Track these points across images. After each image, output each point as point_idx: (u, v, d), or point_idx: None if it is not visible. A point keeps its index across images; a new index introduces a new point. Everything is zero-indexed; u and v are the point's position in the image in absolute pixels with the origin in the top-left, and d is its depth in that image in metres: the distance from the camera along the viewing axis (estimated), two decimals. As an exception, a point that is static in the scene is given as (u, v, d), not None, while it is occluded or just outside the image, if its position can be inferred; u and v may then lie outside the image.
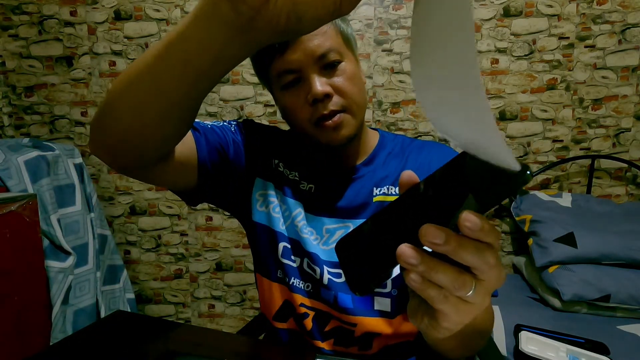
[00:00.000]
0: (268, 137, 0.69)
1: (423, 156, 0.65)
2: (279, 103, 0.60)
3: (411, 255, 0.24)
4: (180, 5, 1.56)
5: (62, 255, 1.23)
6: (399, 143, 0.68)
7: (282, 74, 0.55)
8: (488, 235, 0.24)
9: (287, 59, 0.54)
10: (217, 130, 0.63)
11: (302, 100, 0.55)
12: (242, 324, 1.43)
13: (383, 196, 0.63)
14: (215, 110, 1.61)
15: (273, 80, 0.58)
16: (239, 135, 0.66)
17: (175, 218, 1.68)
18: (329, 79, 0.55)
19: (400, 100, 1.56)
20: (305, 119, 0.56)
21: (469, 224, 0.23)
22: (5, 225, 1.03)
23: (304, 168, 0.67)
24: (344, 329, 0.62)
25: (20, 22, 1.59)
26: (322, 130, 0.56)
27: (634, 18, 1.44)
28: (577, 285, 1.11)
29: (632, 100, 1.48)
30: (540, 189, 1.54)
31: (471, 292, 0.25)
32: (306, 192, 0.65)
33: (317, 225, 0.63)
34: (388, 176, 0.64)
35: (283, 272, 0.64)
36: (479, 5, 1.48)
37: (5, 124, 1.64)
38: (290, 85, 0.56)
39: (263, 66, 0.58)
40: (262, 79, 0.62)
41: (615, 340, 0.95)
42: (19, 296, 1.06)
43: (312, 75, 0.54)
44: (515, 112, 1.53)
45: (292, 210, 0.64)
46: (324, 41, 0.54)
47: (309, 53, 0.53)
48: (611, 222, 1.26)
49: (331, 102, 0.55)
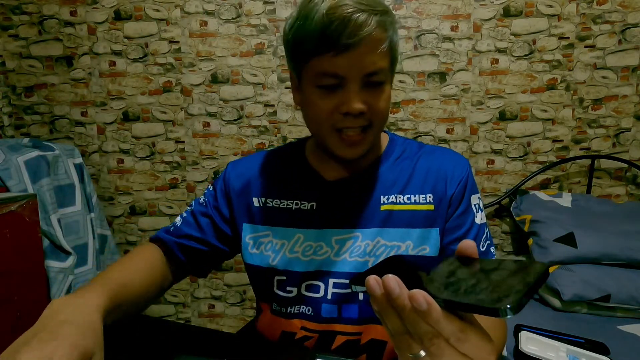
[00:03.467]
0: (249, 178, 0.69)
1: (433, 162, 0.65)
2: (305, 96, 0.58)
3: (373, 285, 0.29)
4: (180, 5, 1.56)
5: (62, 255, 1.23)
6: (407, 147, 0.68)
7: (325, 74, 0.53)
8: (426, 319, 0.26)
9: (338, 63, 0.51)
10: (195, 219, 0.69)
11: (334, 106, 0.54)
12: (242, 324, 1.43)
13: (391, 205, 0.62)
14: (215, 111, 1.61)
15: (309, 73, 0.55)
16: (220, 197, 0.69)
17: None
18: (367, 96, 0.54)
19: (400, 100, 1.56)
20: (329, 124, 0.56)
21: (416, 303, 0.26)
22: (5, 225, 1.03)
23: (300, 190, 0.66)
24: (349, 341, 0.62)
25: (20, 22, 1.59)
26: (340, 141, 0.56)
27: (634, 18, 1.44)
28: (577, 285, 1.11)
29: (632, 100, 1.48)
30: (540, 189, 1.54)
31: (418, 355, 0.28)
32: (307, 211, 0.64)
33: (326, 238, 0.63)
34: (396, 183, 0.63)
35: (279, 304, 0.64)
36: (479, 5, 1.48)
37: (5, 124, 1.64)
38: (327, 87, 0.54)
39: (306, 56, 0.54)
40: (294, 64, 0.59)
41: (615, 340, 0.95)
42: (19, 296, 1.06)
43: (354, 89, 0.53)
44: (515, 112, 1.53)
45: (289, 239, 0.64)
46: (378, 60, 0.53)
47: (360, 67, 0.52)
48: (611, 222, 1.26)
49: (361, 119, 0.55)
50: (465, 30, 1.50)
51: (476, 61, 1.51)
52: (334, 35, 0.49)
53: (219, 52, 1.58)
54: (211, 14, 1.56)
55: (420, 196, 0.62)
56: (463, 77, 1.53)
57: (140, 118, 1.63)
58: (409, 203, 0.62)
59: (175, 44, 1.58)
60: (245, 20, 1.55)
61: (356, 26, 0.49)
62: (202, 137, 1.63)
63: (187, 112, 1.62)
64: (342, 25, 0.49)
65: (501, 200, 1.54)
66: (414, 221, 0.61)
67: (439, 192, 0.62)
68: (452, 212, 0.62)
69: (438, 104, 1.55)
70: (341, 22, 0.49)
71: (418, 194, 0.62)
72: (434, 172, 0.63)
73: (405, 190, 0.63)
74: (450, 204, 0.62)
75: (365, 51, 0.51)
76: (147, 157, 1.66)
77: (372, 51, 0.52)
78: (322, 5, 0.49)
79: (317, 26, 0.50)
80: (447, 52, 1.52)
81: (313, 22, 0.50)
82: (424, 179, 0.63)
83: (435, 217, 0.62)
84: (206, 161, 1.65)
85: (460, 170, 0.64)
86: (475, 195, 0.65)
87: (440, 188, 0.62)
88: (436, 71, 1.53)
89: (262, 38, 1.56)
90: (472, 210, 0.63)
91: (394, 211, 0.62)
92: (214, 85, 1.60)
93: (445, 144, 1.57)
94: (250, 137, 1.62)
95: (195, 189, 1.66)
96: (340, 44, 0.50)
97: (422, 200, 0.62)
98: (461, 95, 1.54)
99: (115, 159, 1.66)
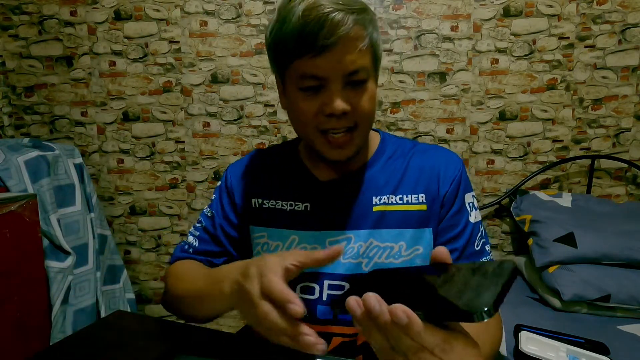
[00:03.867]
0: (247, 179, 0.69)
1: (425, 160, 0.64)
2: (290, 100, 0.58)
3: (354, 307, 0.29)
4: (180, 5, 1.56)
5: (62, 255, 1.23)
6: (399, 146, 0.67)
7: (306, 76, 0.53)
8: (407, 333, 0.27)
9: (317, 64, 0.51)
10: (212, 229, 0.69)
11: (317, 108, 0.54)
12: (242, 324, 1.42)
13: (383, 206, 0.62)
14: (215, 111, 1.61)
15: (291, 76, 0.55)
16: (226, 205, 0.69)
17: (175, 218, 1.68)
18: (350, 96, 0.54)
19: (400, 100, 1.56)
20: (313, 126, 0.56)
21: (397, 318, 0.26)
22: (5, 225, 1.03)
23: (294, 190, 0.66)
24: (345, 342, 0.61)
25: (20, 22, 1.59)
26: (327, 144, 0.57)
27: (634, 18, 1.44)
28: (577, 285, 1.11)
29: (632, 100, 1.48)
30: (540, 189, 1.54)
31: None
32: (302, 212, 0.64)
33: (321, 240, 0.63)
34: (388, 183, 0.63)
35: None
36: (479, 5, 1.48)
37: (5, 124, 1.64)
38: (309, 89, 0.54)
39: (286, 59, 0.55)
40: (277, 68, 0.59)
41: (615, 340, 0.94)
42: (19, 296, 1.06)
43: (335, 89, 0.53)
44: (515, 112, 1.53)
45: (284, 240, 0.64)
46: (358, 59, 0.52)
47: (340, 67, 0.52)
48: (611, 222, 1.25)
49: (345, 119, 0.54)
50: (465, 30, 1.50)
51: (476, 61, 1.51)
52: (310, 36, 0.49)
53: (219, 52, 1.58)
54: (211, 14, 1.56)
55: (413, 196, 0.62)
56: (463, 77, 1.53)
57: (140, 118, 1.63)
58: (402, 203, 0.61)
59: (175, 44, 1.58)
60: (245, 20, 1.55)
61: (332, 26, 0.49)
62: (202, 137, 1.63)
63: (187, 112, 1.62)
64: (319, 26, 0.49)
65: (501, 200, 1.54)
66: (407, 222, 0.61)
67: (431, 191, 0.62)
68: (445, 212, 0.62)
69: (438, 104, 1.55)
70: (317, 23, 0.49)
71: (410, 194, 0.62)
72: (427, 171, 0.63)
73: (397, 190, 0.62)
74: (443, 204, 0.62)
75: (344, 50, 0.51)
76: (147, 157, 1.66)
77: (351, 50, 0.51)
78: (298, 7, 0.49)
79: (294, 28, 0.50)
80: (447, 52, 1.52)
81: (291, 24, 0.50)
82: (417, 178, 0.63)
83: (428, 217, 0.61)
84: (206, 161, 1.65)
85: (453, 169, 0.63)
86: (469, 193, 0.64)
87: (433, 187, 0.62)
88: (436, 71, 1.53)
89: (262, 38, 1.56)
90: (466, 209, 0.63)
91: (387, 212, 0.61)
92: (214, 85, 1.60)
93: (445, 144, 1.57)
94: (250, 137, 1.62)
95: (195, 189, 1.66)
96: (317, 45, 0.49)
97: (414, 200, 0.62)
98: (461, 95, 1.54)
99: (115, 159, 1.66)
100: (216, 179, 1.66)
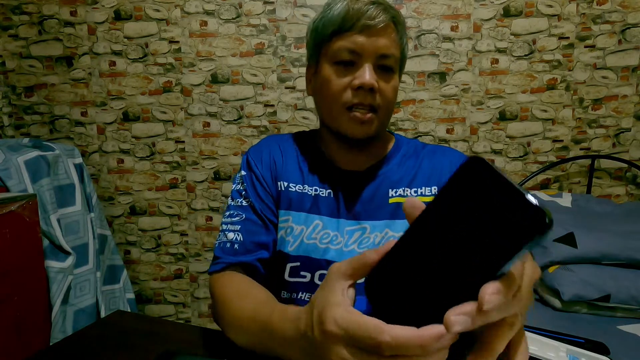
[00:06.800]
0: (268, 163, 0.68)
1: (435, 160, 0.67)
2: (321, 78, 0.62)
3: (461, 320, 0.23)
4: (180, 5, 1.56)
5: (62, 255, 1.23)
6: (412, 146, 0.71)
7: (342, 50, 0.59)
8: (506, 309, 0.24)
9: (356, 40, 0.58)
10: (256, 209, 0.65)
11: (347, 82, 0.59)
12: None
13: (399, 198, 0.64)
14: (215, 111, 1.61)
15: (328, 51, 0.61)
16: (258, 186, 0.66)
17: (175, 218, 1.68)
18: (378, 78, 0.59)
19: (400, 100, 1.56)
20: (341, 103, 0.60)
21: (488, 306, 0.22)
22: (5, 225, 1.03)
23: (319, 176, 0.67)
24: None
25: (20, 22, 1.59)
26: (350, 119, 0.60)
27: (634, 18, 1.44)
28: (577, 285, 1.11)
29: (632, 100, 1.48)
30: (540, 189, 1.54)
31: None
32: (325, 198, 0.66)
33: (340, 228, 0.64)
34: (403, 178, 0.66)
35: (289, 291, 0.64)
36: (479, 5, 1.48)
37: (5, 124, 1.64)
38: (343, 63, 0.59)
39: (328, 38, 0.60)
40: (315, 49, 0.64)
41: (615, 340, 0.95)
42: (19, 296, 1.06)
43: (368, 65, 0.58)
44: (515, 112, 1.53)
45: (308, 225, 0.64)
46: (390, 46, 0.59)
47: (375, 47, 0.58)
48: (611, 222, 1.26)
49: (371, 97, 0.59)
50: (465, 30, 1.50)
51: (476, 61, 1.52)
52: (355, 16, 0.57)
53: (219, 52, 1.58)
54: (211, 14, 1.56)
55: (426, 189, 0.65)
56: (463, 77, 1.53)
57: (140, 118, 1.63)
58: (416, 195, 0.65)
59: (175, 44, 1.58)
60: (245, 20, 1.55)
61: (375, 13, 0.57)
62: (202, 137, 1.63)
63: (187, 112, 1.62)
64: (364, 9, 0.57)
65: (501, 200, 1.54)
66: None
67: (443, 184, 0.63)
68: None
69: (438, 104, 1.55)
70: (361, 8, 0.57)
71: (424, 186, 0.65)
72: (438, 168, 0.66)
73: (412, 184, 0.65)
74: None
75: (382, 34, 0.58)
76: (147, 157, 1.66)
77: (386, 37, 0.58)
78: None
79: (342, 9, 0.58)
80: (447, 52, 1.52)
81: (337, 8, 0.59)
82: (429, 174, 0.66)
83: None
84: (206, 161, 1.65)
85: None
86: None
87: (444, 181, 0.63)
88: (436, 71, 1.53)
89: (262, 38, 1.56)
90: None
91: (402, 203, 0.62)
92: (214, 85, 1.60)
93: (445, 144, 1.57)
94: (250, 137, 1.62)
95: (195, 189, 1.66)
96: (360, 23, 0.57)
97: (427, 192, 0.65)
98: (461, 95, 1.54)
99: (115, 159, 1.66)
100: (216, 178, 1.66)
